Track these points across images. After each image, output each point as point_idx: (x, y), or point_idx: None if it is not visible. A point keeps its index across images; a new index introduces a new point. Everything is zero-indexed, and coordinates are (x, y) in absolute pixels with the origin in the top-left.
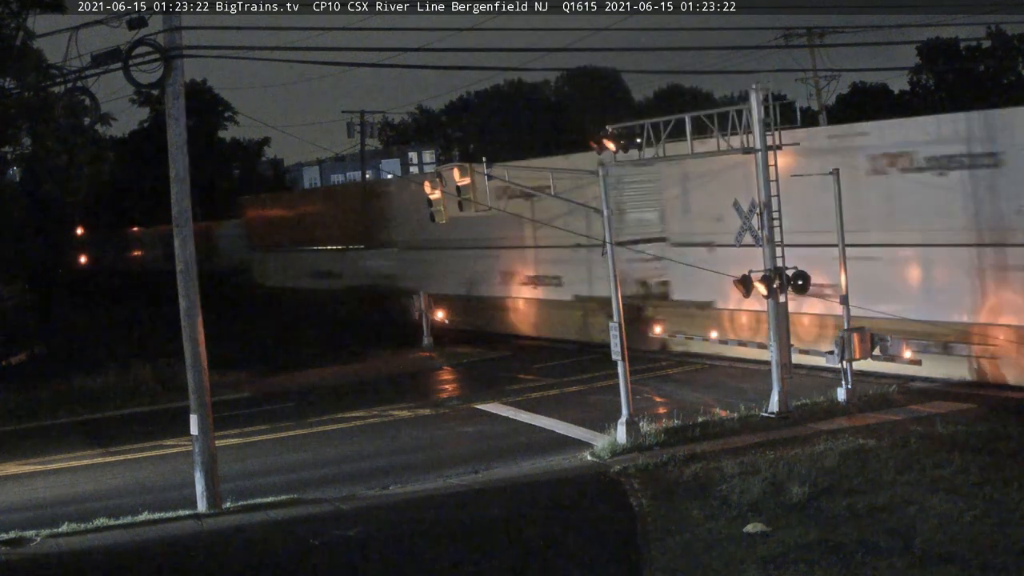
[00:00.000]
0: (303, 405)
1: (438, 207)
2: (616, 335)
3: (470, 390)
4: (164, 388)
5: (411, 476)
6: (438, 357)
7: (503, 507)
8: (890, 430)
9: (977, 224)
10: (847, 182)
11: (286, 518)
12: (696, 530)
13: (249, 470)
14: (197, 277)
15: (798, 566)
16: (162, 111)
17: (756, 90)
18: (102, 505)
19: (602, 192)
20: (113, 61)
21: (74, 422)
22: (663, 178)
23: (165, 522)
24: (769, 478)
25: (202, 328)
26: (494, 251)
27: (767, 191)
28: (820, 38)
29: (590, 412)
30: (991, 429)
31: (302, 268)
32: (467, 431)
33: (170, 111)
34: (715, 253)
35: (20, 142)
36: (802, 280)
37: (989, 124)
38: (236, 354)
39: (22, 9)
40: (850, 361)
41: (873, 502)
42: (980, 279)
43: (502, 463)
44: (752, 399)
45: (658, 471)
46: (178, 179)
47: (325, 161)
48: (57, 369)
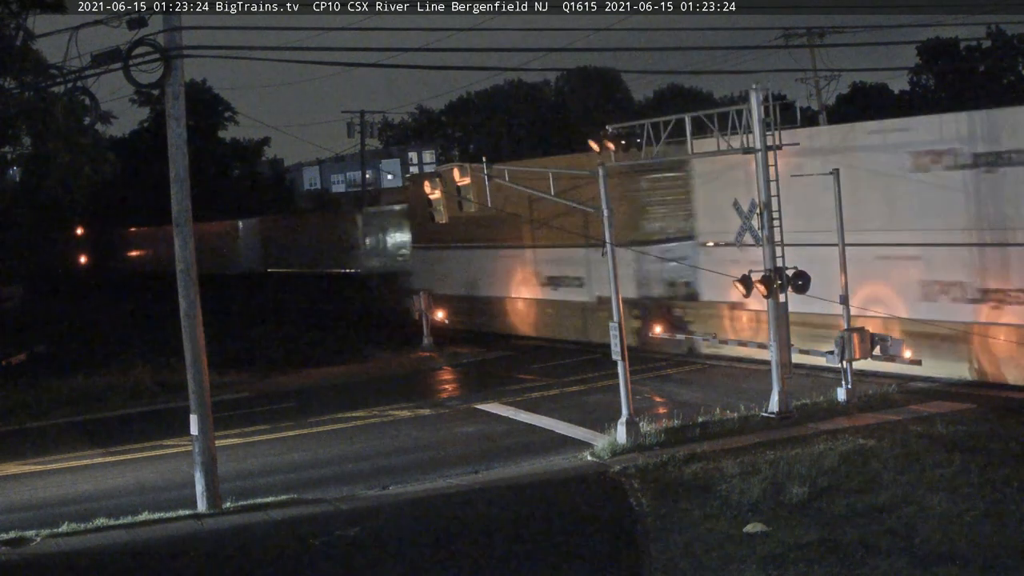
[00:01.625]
0: (303, 405)
1: (438, 207)
2: (616, 335)
3: (470, 390)
4: (164, 388)
5: (411, 476)
6: (439, 357)
7: (503, 507)
8: (890, 430)
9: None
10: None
11: (286, 518)
12: (696, 530)
13: (249, 470)
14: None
15: (798, 566)
16: (162, 111)
17: (756, 90)
18: (102, 505)
19: (602, 192)
20: (113, 61)
21: (74, 422)
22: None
23: (165, 522)
24: (769, 478)
25: (202, 328)
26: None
27: (767, 191)
28: (820, 38)
29: (590, 412)
30: (991, 429)
31: (521, 273)
32: (467, 431)
33: (170, 111)
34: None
35: (20, 142)
36: (802, 280)
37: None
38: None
39: (22, 9)
40: (850, 361)
41: (873, 502)
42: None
43: (502, 463)
44: (752, 399)
45: (658, 471)
46: (178, 179)
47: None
48: (57, 369)
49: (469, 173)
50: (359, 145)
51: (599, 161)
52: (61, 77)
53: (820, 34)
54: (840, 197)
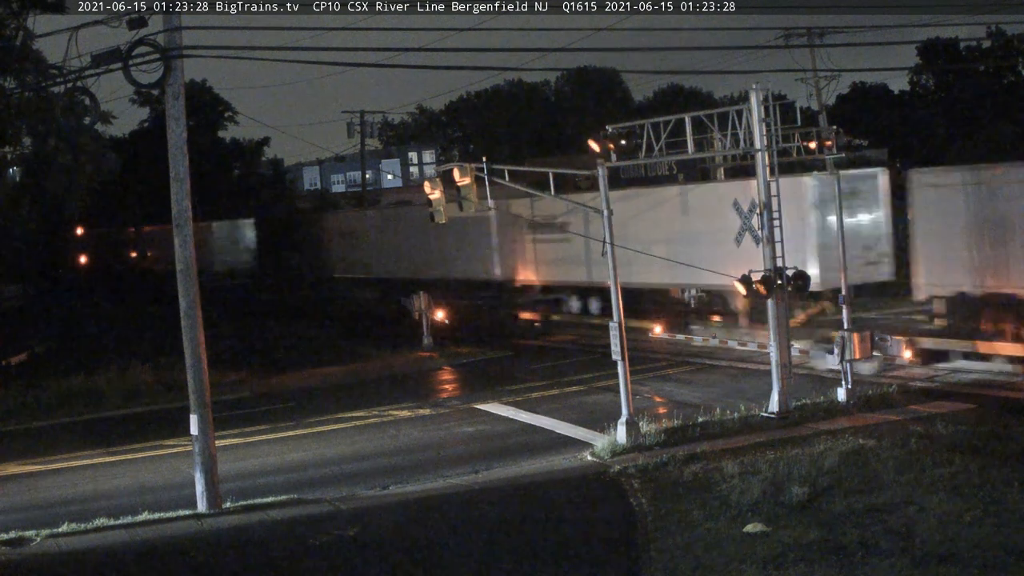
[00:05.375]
0: (303, 405)
1: (438, 207)
2: (616, 335)
3: (470, 390)
4: (164, 388)
5: (411, 476)
6: (439, 357)
7: (503, 507)
8: (890, 430)
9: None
10: None
11: (286, 518)
12: (696, 530)
13: (249, 470)
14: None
15: (798, 566)
16: (162, 111)
17: (756, 90)
18: (102, 505)
19: (602, 192)
20: (113, 61)
21: (74, 422)
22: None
23: (165, 522)
24: (769, 478)
25: (202, 328)
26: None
27: (767, 191)
28: (820, 38)
29: (590, 412)
30: (991, 429)
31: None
32: (467, 431)
33: (170, 111)
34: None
35: (20, 142)
36: (802, 280)
37: None
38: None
39: (22, 9)
40: (850, 361)
41: (873, 502)
42: None
43: (502, 463)
44: (752, 399)
45: (658, 471)
46: (178, 179)
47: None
48: (57, 369)
49: (469, 173)
50: (359, 145)
51: (598, 161)
52: (61, 77)
53: (820, 34)
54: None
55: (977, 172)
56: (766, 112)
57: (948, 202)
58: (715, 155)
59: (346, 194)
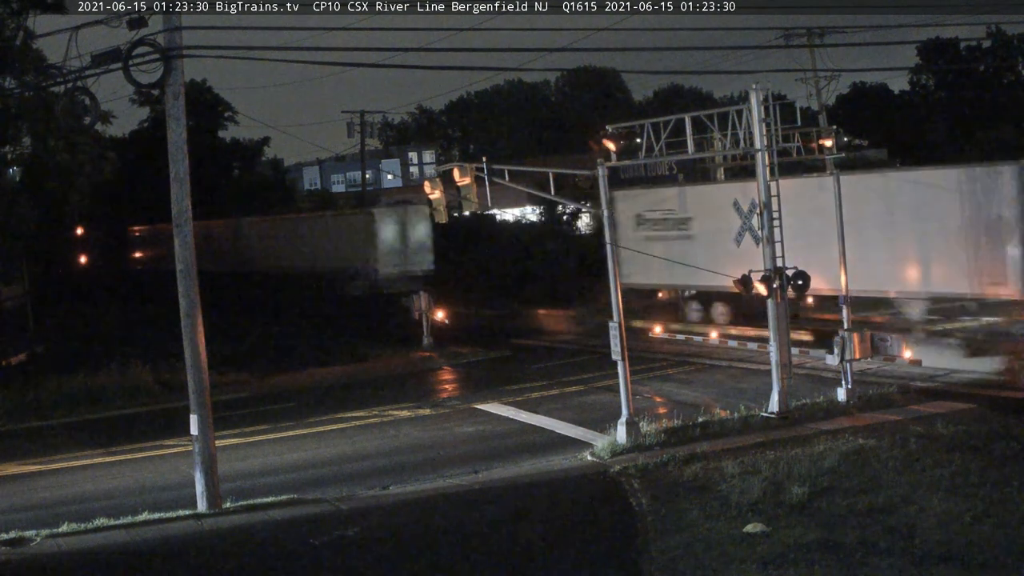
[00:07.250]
0: (303, 405)
1: (438, 207)
2: (616, 335)
3: (470, 390)
4: (164, 388)
5: (411, 476)
6: (439, 357)
7: (503, 507)
8: (890, 430)
9: None
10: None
11: (286, 518)
12: (696, 530)
13: (249, 470)
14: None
15: (798, 566)
16: (162, 111)
17: (756, 90)
18: (102, 505)
19: (602, 192)
20: (113, 61)
21: (74, 422)
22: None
23: (165, 522)
24: (769, 478)
25: (202, 328)
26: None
27: (767, 191)
28: (820, 38)
29: (590, 412)
30: (991, 429)
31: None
32: (467, 431)
33: (170, 111)
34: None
35: (20, 142)
36: (802, 280)
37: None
38: None
39: (22, 9)
40: (850, 361)
41: (873, 502)
42: None
43: (502, 463)
44: (752, 399)
45: (658, 471)
46: (178, 179)
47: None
48: (57, 369)
49: (469, 173)
50: (359, 145)
51: (598, 161)
52: (61, 77)
53: (820, 34)
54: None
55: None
56: (766, 112)
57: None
58: (715, 155)
59: (346, 194)
